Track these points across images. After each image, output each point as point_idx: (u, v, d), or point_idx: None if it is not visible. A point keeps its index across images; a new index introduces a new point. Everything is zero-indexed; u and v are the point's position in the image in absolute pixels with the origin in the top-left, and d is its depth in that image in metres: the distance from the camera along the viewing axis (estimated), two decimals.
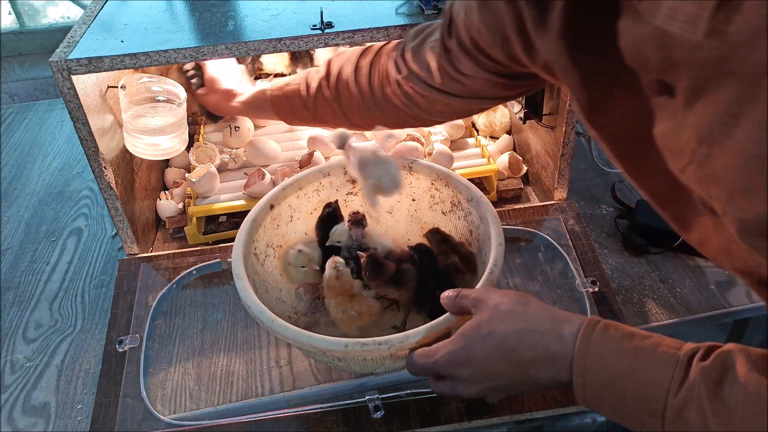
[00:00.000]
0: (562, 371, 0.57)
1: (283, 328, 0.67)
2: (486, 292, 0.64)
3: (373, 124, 0.87)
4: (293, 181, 0.86)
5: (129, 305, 0.91)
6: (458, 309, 0.65)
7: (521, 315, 0.60)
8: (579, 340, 0.56)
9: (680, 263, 0.97)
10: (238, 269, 0.74)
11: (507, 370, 0.59)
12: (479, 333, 0.60)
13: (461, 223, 0.86)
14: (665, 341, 0.53)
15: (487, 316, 0.61)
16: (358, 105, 0.84)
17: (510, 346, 0.59)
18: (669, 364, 0.51)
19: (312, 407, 0.77)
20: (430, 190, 0.89)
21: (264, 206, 0.83)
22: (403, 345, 0.64)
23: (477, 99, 0.75)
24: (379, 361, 0.69)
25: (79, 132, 0.86)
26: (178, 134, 1.02)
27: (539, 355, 0.58)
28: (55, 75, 0.81)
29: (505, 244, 0.74)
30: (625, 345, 0.54)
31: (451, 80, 0.72)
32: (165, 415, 0.77)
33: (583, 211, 1.07)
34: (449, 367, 0.62)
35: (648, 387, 0.51)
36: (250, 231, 0.79)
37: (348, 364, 0.71)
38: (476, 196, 0.81)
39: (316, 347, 0.65)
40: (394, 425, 0.75)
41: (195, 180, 1.03)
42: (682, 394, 0.49)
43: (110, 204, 0.93)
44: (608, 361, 0.54)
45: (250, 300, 0.70)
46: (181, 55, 0.82)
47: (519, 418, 0.76)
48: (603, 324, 0.56)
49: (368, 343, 0.64)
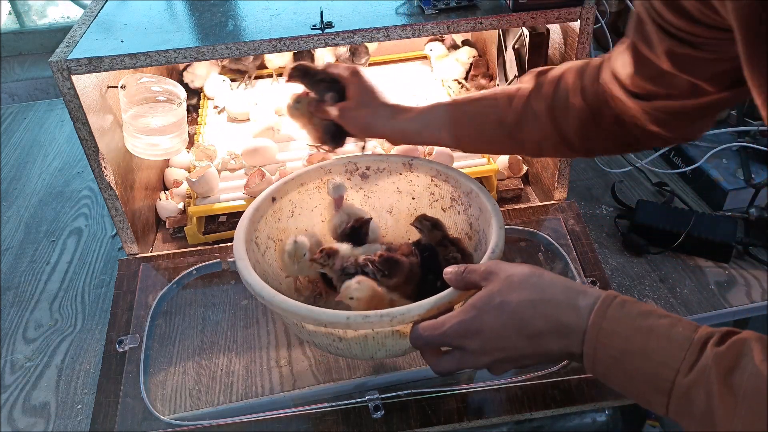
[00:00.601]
0: (573, 343, 0.56)
1: (283, 303, 0.66)
2: (497, 264, 0.63)
3: (593, 147, 0.77)
4: (295, 176, 0.87)
5: (129, 305, 0.91)
6: (465, 284, 0.64)
7: (535, 285, 0.59)
8: (594, 313, 0.55)
9: (680, 263, 0.97)
10: (239, 251, 0.73)
11: (519, 340, 0.58)
12: (491, 303, 0.59)
13: (461, 218, 0.86)
14: (681, 322, 0.53)
15: (499, 286, 0.60)
16: (578, 120, 0.73)
17: (523, 317, 0.58)
18: (682, 346, 0.51)
19: (312, 407, 0.77)
20: (429, 187, 0.89)
21: (266, 198, 0.83)
22: (405, 317, 0.64)
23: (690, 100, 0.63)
24: (380, 341, 0.68)
25: (79, 132, 0.86)
26: (178, 134, 1.02)
27: (553, 326, 0.57)
28: (55, 75, 0.81)
29: (505, 240, 0.74)
30: (641, 323, 0.53)
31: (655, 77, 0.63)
32: (165, 415, 0.77)
33: (583, 211, 1.07)
34: (458, 338, 0.60)
35: (658, 366, 0.51)
36: (252, 219, 0.80)
37: (348, 345, 0.70)
38: (475, 188, 0.82)
39: (317, 320, 0.65)
40: (394, 425, 0.75)
41: (195, 180, 1.03)
42: (692, 375, 0.49)
43: (110, 204, 0.93)
44: (621, 338, 0.54)
45: (251, 278, 0.70)
46: (181, 55, 0.82)
47: (519, 418, 0.76)
48: (620, 300, 0.56)
49: (371, 315, 0.63)
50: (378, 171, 0.90)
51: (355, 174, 0.90)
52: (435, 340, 0.62)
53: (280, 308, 0.67)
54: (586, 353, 0.55)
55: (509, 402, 0.76)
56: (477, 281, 0.63)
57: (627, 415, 1.14)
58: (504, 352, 0.59)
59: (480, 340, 0.59)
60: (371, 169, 0.90)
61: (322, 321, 0.65)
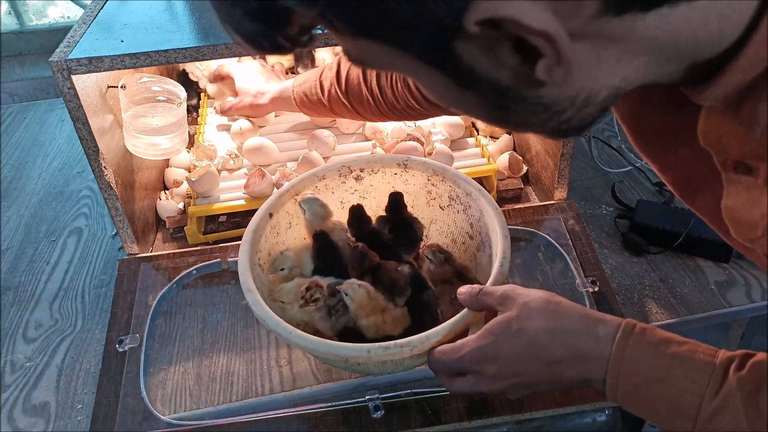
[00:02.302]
0: (592, 371, 0.57)
1: (302, 339, 0.66)
2: (513, 288, 0.63)
3: (386, 120, 0.96)
4: (289, 188, 0.86)
5: (129, 305, 0.91)
6: (480, 306, 0.65)
7: (553, 313, 0.59)
8: (616, 343, 0.56)
9: (680, 263, 0.97)
10: (247, 283, 0.72)
11: (536, 367, 0.59)
12: (509, 330, 0.60)
13: (461, 217, 0.86)
14: (701, 348, 0.54)
15: (517, 313, 0.60)
16: (368, 103, 0.92)
17: (541, 345, 0.58)
18: (705, 372, 0.52)
19: (312, 407, 0.77)
20: (426, 186, 0.89)
21: (263, 215, 0.83)
22: (425, 345, 0.64)
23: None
24: (399, 362, 0.69)
25: (79, 132, 0.86)
26: (178, 134, 1.02)
27: (572, 354, 0.58)
28: (55, 75, 0.81)
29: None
30: (663, 350, 0.54)
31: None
32: (165, 414, 0.77)
33: (583, 210, 1.07)
34: (475, 363, 0.61)
35: (683, 392, 0.52)
36: (253, 242, 0.79)
37: (368, 368, 0.71)
38: (475, 189, 0.81)
39: (337, 356, 0.65)
40: (394, 425, 0.75)
41: (195, 180, 1.03)
42: (717, 401, 0.50)
43: (110, 204, 0.93)
44: (644, 365, 0.54)
45: (265, 313, 0.69)
46: (181, 55, 0.82)
47: (519, 418, 0.76)
48: (640, 328, 0.57)
49: (390, 346, 0.64)
50: (372, 173, 0.90)
51: (350, 177, 0.90)
52: (453, 365, 0.63)
53: (298, 345, 0.66)
54: (609, 382, 0.56)
55: (509, 402, 0.76)
56: (493, 305, 0.64)
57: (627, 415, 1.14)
58: (520, 377, 0.60)
59: (497, 366, 0.60)
60: (365, 171, 0.90)
61: (343, 356, 0.65)
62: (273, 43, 0.39)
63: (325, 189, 0.90)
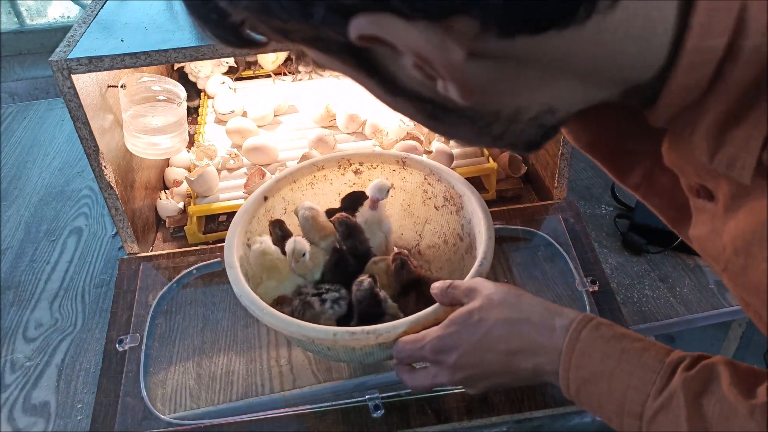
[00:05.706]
0: (545, 362, 0.57)
1: (273, 317, 0.67)
2: (480, 282, 0.64)
3: None
4: (287, 174, 0.87)
5: (129, 304, 0.91)
6: (449, 300, 0.66)
7: (513, 305, 0.60)
8: (569, 334, 0.56)
9: (680, 263, 0.97)
10: (230, 258, 0.74)
11: (492, 357, 0.59)
12: (470, 320, 0.61)
13: (454, 218, 0.86)
14: (654, 346, 0.53)
15: (480, 304, 0.61)
16: None
17: (499, 335, 0.59)
18: (653, 370, 0.51)
19: (312, 406, 0.77)
20: (422, 185, 0.89)
21: (258, 198, 0.83)
22: (391, 334, 0.65)
23: None
24: (367, 351, 0.69)
25: (79, 131, 0.86)
26: (178, 134, 1.02)
27: (527, 344, 0.58)
28: (55, 74, 0.81)
29: (501, 242, 0.74)
30: (613, 345, 0.54)
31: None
32: (165, 414, 0.77)
33: (583, 210, 1.07)
34: (436, 353, 0.62)
35: (629, 390, 0.51)
36: (244, 222, 0.80)
37: (337, 353, 0.72)
38: (467, 190, 0.82)
39: (305, 335, 0.66)
40: (394, 424, 0.75)
41: (195, 179, 1.03)
42: (660, 400, 0.49)
43: (110, 203, 0.93)
44: (593, 360, 0.54)
45: (242, 290, 0.70)
46: (181, 54, 0.82)
47: (519, 417, 0.76)
48: (596, 322, 0.56)
49: (357, 332, 0.65)
50: (371, 167, 0.90)
51: (349, 170, 0.90)
52: (415, 353, 0.64)
53: (269, 322, 0.67)
54: (561, 375, 0.56)
55: (509, 401, 0.76)
56: (459, 297, 0.64)
57: None
58: (477, 368, 0.61)
59: (456, 355, 0.61)
60: (365, 165, 0.90)
61: (310, 337, 0.66)
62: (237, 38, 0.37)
63: (324, 179, 0.90)
